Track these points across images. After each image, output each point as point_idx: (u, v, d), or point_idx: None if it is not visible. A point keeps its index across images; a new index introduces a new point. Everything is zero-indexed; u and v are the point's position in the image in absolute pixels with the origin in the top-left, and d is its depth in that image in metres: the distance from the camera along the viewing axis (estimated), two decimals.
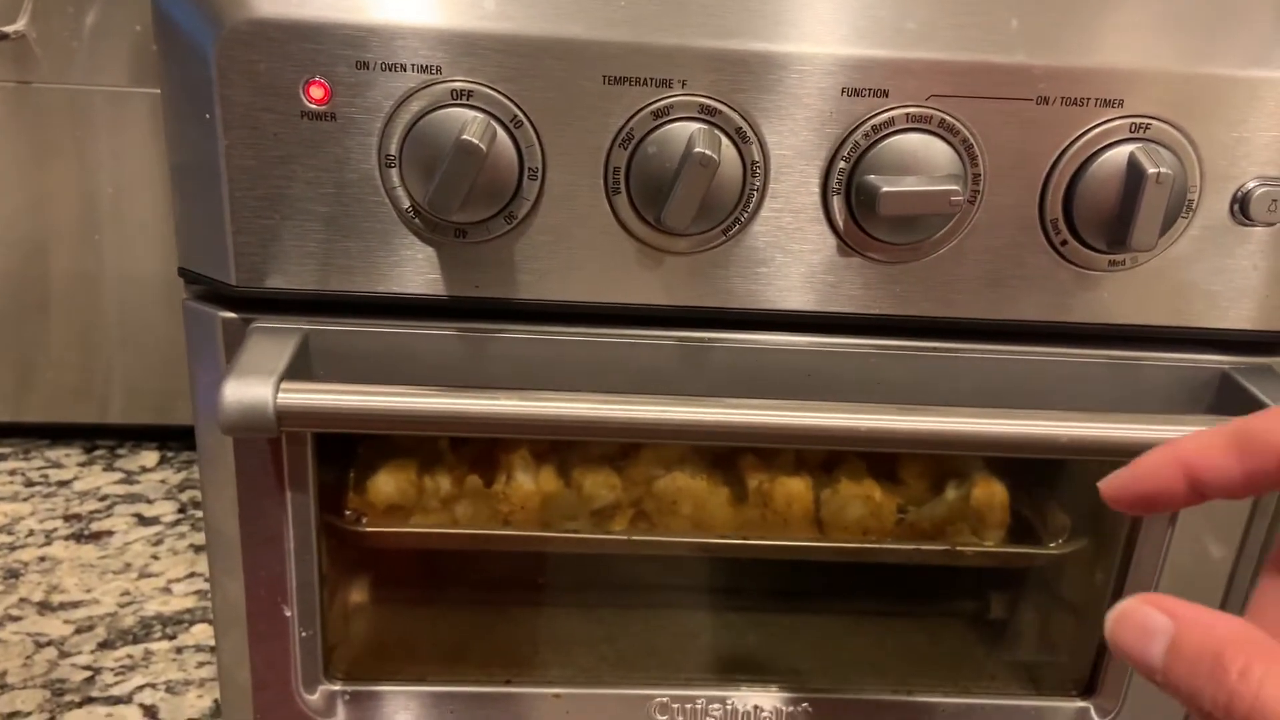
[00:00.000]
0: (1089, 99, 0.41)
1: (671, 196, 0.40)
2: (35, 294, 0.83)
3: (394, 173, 0.41)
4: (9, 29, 0.74)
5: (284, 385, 0.40)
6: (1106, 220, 0.42)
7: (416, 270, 0.43)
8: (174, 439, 0.91)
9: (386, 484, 0.53)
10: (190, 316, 0.44)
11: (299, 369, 0.41)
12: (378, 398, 0.40)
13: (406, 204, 0.41)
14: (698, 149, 0.39)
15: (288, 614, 0.49)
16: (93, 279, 0.82)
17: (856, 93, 0.41)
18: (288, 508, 0.46)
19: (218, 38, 0.39)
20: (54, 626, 0.68)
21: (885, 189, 0.40)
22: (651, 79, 0.40)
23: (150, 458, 0.89)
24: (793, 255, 0.43)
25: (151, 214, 0.80)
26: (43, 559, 0.76)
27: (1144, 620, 0.27)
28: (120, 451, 0.90)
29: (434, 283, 0.43)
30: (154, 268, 0.82)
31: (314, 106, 0.40)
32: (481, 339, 0.44)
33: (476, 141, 0.38)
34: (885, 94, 0.41)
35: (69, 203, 0.80)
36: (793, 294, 0.44)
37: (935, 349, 0.45)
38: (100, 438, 0.90)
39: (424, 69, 0.40)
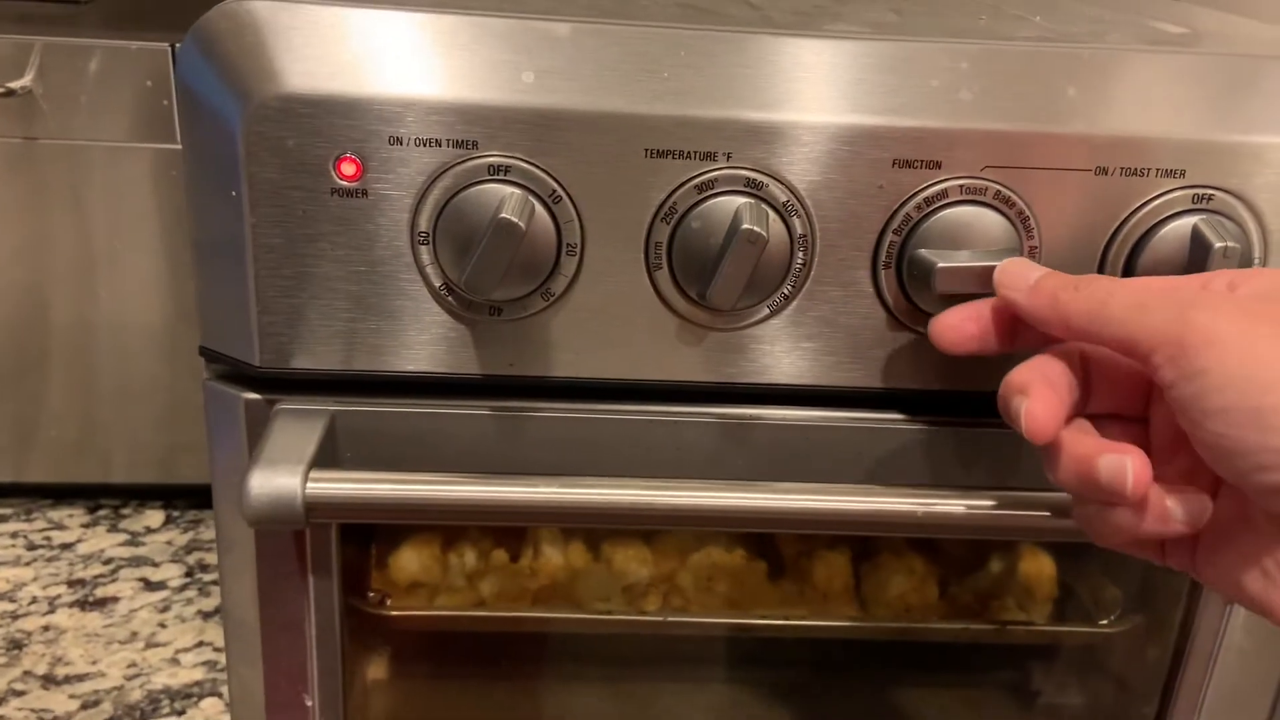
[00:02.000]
0: (1149, 169, 0.39)
1: (718, 274, 0.38)
2: (35, 350, 0.81)
3: (426, 250, 0.39)
4: (15, 85, 0.73)
5: (313, 475, 0.38)
6: None
7: (449, 349, 0.41)
8: (179, 497, 0.89)
9: (410, 561, 0.51)
10: (211, 397, 0.42)
11: (326, 455, 0.40)
12: (411, 487, 0.38)
13: (439, 281, 0.40)
14: (745, 225, 0.37)
15: (309, 703, 0.46)
16: (92, 334, 0.81)
17: (908, 164, 0.39)
18: (310, 594, 0.44)
19: (245, 113, 0.37)
20: (59, 702, 0.66)
21: (941, 265, 0.38)
22: (695, 152, 0.39)
23: (155, 517, 0.87)
24: (840, 330, 0.41)
25: (150, 268, 0.79)
26: (46, 628, 0.73)
27: (1030, 263, 0.37)
28: (124, 511, 0.87)
29: (467, 361, 0.41)
30: (153, 321, 0.81)
31: (345, 183, 0.38)
32: (516, 418, 0.42)
33: (515, 220, 0.37)
34: (938, 165, 0.39)
35: (68, 257, 0.78)
36: (840, 369, 0.42)
37: (991, 425, 0.43)
38: (104, 496, 0.88)
39: (459, 144, 0.38)
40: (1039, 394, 0.34)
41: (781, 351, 0.42)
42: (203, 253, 0.40)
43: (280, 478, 0.37)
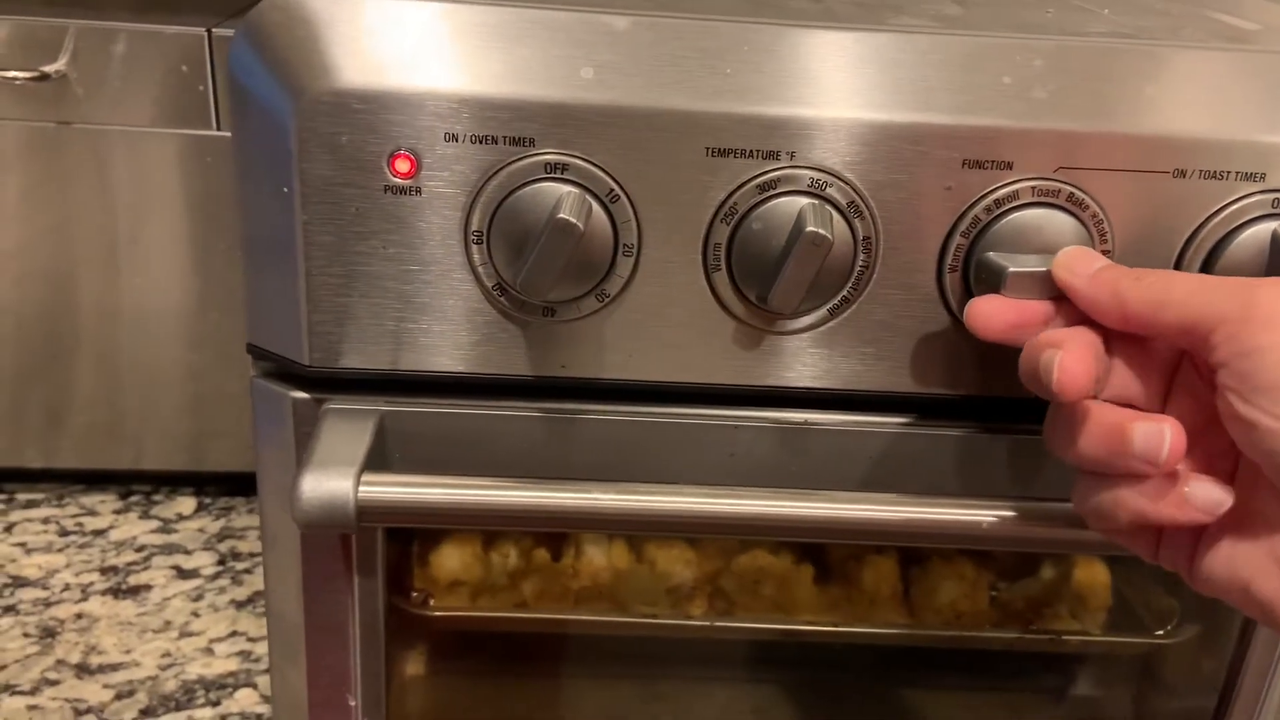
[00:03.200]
0: (1229, 172, 0.38)
1: (780, 277, 0.37)
2: (64, 336, 0.80)
3: (480, 249, 0.38)
4: (49, 69, 0.72)
5: (365, 478, 0.37)
6: None
7: (500, 349, 0.40)
8: (210, 484, 0.88)
9: (451, 559, 0.51)
10: (259, 395, 0.42)
11: (377, 457, 0.39)
12: (464, 492, 0.37)
13: (492, 281, 0.39)
14: (809, 228, 0.36)
15: (352, 704, 0.46)
16: (120, 320, 0.80)
17: (979, 164, 0.38)
18: (354, 595, 0.43)
19: (298, 109, 0.36)
20: (93, 692, 0.66)
21: (1012, 270, 0.37)
22: (758, 151, 0.37)
23: (187, 504, 0.86)
24: (903, 334, 0.40)
25: (179, 254, 0.78)
26: (79, 616, 0.73)
27: (1094, 251, 0.37)
28: (156, 498, 0.87)
29: (518, 362, 0.40)
30: (182, 307, 0.80)
31: (399, 181, 0.37)
32: (567, 420, 0.42)
33: (574, 220, 0.36)
34: (1009, 166, 0.38)
35: (97, 242, 0.77)
36: (902, 375, 0.41)
37: None
38: (135, 483, 0.88)
39: (516, 141, 0.37)
40: (1072, 347, 0.33)
41: (840, 355, 0.41)
42: (252, 249, 0.40)
43: (332, 481, 0.36)
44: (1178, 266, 0.39)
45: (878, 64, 0.38)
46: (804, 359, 0.41)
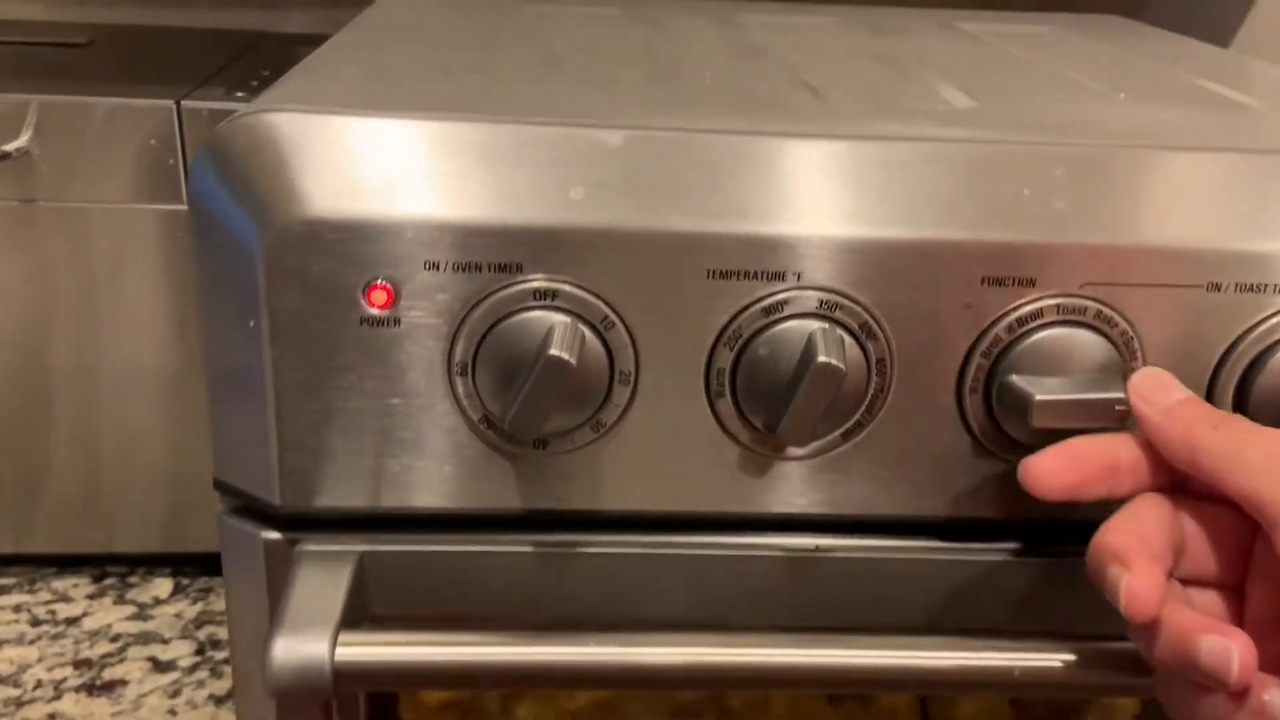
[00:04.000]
0: (1267, 285, 0.36)
1: (790, 409, 0.34)
2: (37, 416, 0.77)
3: (464, 381, 0.35)
4: (11, 146, 0.69)
5: (342, 638, 0.34)
6: None
7: (488, 484, 0.37)
8: (188, 563, 0.85)
9: None
10: (227, 533, 0.39)
11: (356, 607, 0.36)
12: (450, 650, 0.34)
13: (479, 414, 0.36)
14: (820, 358, 0.33)
15: None
16: (95, 396, 0.77)
17: (999, 281, 0.35)
18: None
19: (265, 239, 0.33)
20: None
21: (1040, 398, 0.34)
22: (762, 272, 0.35)
23: (164, 586, 0.83)
24: (920, 457, 0.38)
25: (153, 330, 0.75)
26: (53, 716, 0.69)
27: (1172, 379, 0.35)
28: (131, 580, 0.83)
29: (508, 496, 0.37)
30: (157, 381, 0.77)
31: (375, 312, 0.34)
32: (562, 554, 0.39)
33: (565, 356, 0.33)
34: (1032, 283, 0.35)
35: (70, 322, 0.74)
36: (919, 498, 0.38)
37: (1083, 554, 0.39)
38: (110, 564, 0.84)
39: (502, 268, 0.34)
40: (1140, 567, 0.30)
41: (854, 480, 0.38)
42: (217, 384, 0.37)
43: (307, 644, 0.33)
44: (1212, 383, 0.37)
45: (887, 175, 0.35)
46: (815, 484, 0.38)
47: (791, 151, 0.35)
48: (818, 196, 0.35)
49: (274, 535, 0.38)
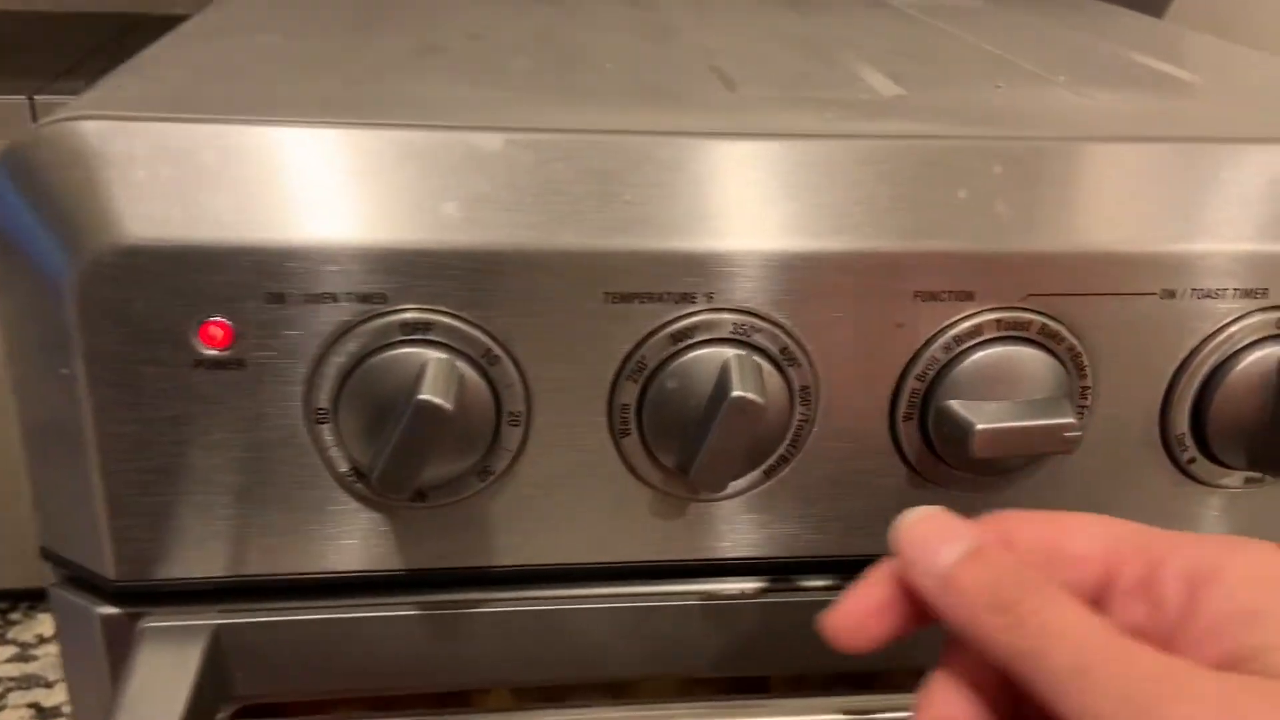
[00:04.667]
0: (1225, 289, 0.32)
1: (703, 451, 0.30)
2: None
3: (328, 429, 0.30)
4: None
5: None
6: (1248, 433, 0.33)
7: (363, 543, 0.32)
8: None
9: None
10: (59, 608, 0.33)
11: (207, 693, 0.31)
12: None
13: (346, 466, 0.31)
14: (735, 392, 0.29)
15: None
16: None
17: (933, 296, 0.31)
18: None
19: (76, 271, 0.28)
20: None
21: (981, 426, 0.30)
22: (668, 294, 0.30)
23: (47, 623, 0.77)
24: (851, 491, 0.34)
25: None
26: None
27: (949, 525, 0.26)
28: (14, 617, 0.77)
29: (386, 556, 0.33)
30: None
31: (212, 352, 0.29)
32: (454, 615, 0.34)
33: (439, 401, 0.28)
34: (970, 296, 0.31)
35: None
36: (853, 537, 0.34)
37: None
38: None
39: (363, 298, 0.29)
40: None
41: (780, 520, 0.34)
42: (33, 439, 0.31)
43: None
44: (1167, 400, 0.33)
45: (807, 179, 0.31)
46: (738, 526, 0.34)
47: (699, 154, 0.31)
48: (729, 205, 0.31)
49: (111, 610, 0.33)
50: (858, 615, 0.26)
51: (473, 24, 0.46)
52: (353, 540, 0.32)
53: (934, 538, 0.26)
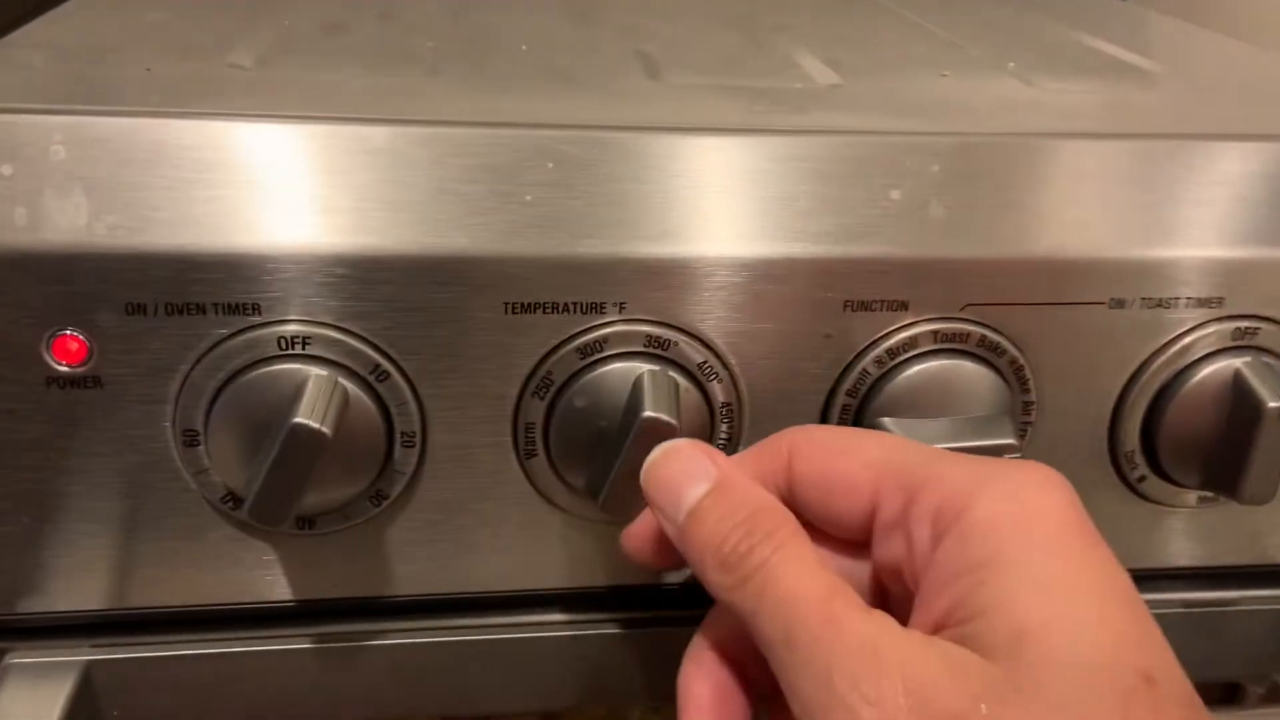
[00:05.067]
0: (1177, 299, 0.30)
1: (614, 473, 0.27)
2: None
3: (199, 452, 0.28)
4: None
5: None
6: (1202, 451, 0.31)
7: (247, 572, 0.30)
8: None
9: None
10: None
11: None
12: None
13: (220, 493, 0.28)
14: (646, 411, 0.27)
15: None
16: None
17: (865, 306, 0.29)
18: None
19: None
20: None
21: None
22: (575, 304, 0.28)
23: None
24: None
25: None
26: None
27: (694, 462, 0.25)
28: None
29: (273, 586, 0.30)
30: None
31: (66, 369, 0.26)
32: (348, 648, 0.31)
33: (315, 425, 0.25)
34: (904, 306, 0.29)
35: None
36: None
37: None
38: None
39: (232, 309, 0.26)
40: None
41: None
42: None
43: None
44: (1116, 416, 0.31)
45: (729, 178, 0.28)
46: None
47: (609, 150, 0.28)
48: (641, 205, 0.28)
49: None
50: (640, 538, 0.27)
51: (382, 1, 0.43)
52: (236, 569, 0.30)
53: (678, 477, 0.25)
